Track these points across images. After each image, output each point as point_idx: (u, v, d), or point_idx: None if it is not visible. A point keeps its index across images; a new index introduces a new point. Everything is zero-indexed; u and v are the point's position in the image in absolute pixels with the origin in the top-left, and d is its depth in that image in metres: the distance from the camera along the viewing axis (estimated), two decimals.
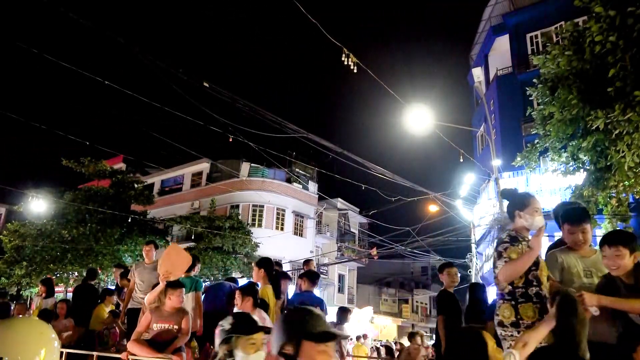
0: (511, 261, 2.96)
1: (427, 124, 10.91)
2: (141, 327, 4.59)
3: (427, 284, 43.06)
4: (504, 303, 3.01)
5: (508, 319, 2.95)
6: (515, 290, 2.98)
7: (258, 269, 5.31)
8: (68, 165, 22.03)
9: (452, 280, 5.43)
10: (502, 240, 3.13)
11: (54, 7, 5.84)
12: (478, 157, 22.45)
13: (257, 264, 5.42)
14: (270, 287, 5.16)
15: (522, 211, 3.16)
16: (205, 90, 8.42)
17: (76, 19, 6.17)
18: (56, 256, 20.55)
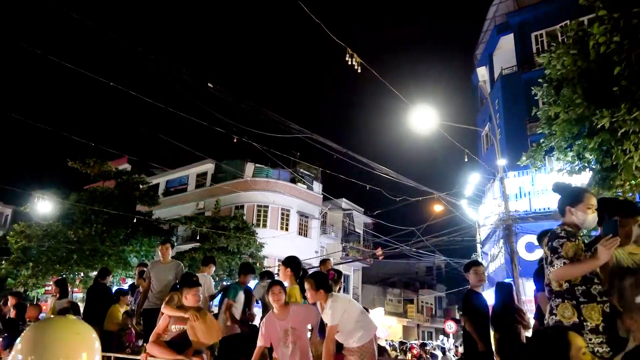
0: (572, 265, 2.75)
1: (432, 124, 10.89)
2: (160, 329, 4.54)
3: (432, 284, 42.96)
4: (564, 302, 2.81)
5: (569, 319, 2.75)
6: (574, 289, 2.79)
7: (285, 268, 5.20)
8: (73, 166, 22.16)
9: (480, 279, 5.22)
10: (558, 234, 2.90)
11: (58, 8, 5.87)
12: (483, 156, 22.37)
13: (284, 263, 5.30)
14: (297, 288, 5.06)
15: (573, 207, 2.95)
16: (210, 90, 8.43)
17: (81, 20, 6.19)
18: (62, 257, 20.66)
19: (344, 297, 4.41)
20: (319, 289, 4.20)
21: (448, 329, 22.53)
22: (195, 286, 4.67)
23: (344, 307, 4.15)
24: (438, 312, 43.36)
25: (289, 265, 5.23)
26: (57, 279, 9.09)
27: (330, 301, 4.14)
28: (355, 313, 4.22)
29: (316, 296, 4.22)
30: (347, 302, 4.33)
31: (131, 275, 21.22)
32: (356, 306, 4.36)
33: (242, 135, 10.73)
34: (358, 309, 4.31)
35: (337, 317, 4.06)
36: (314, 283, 4.24)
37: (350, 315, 4.16)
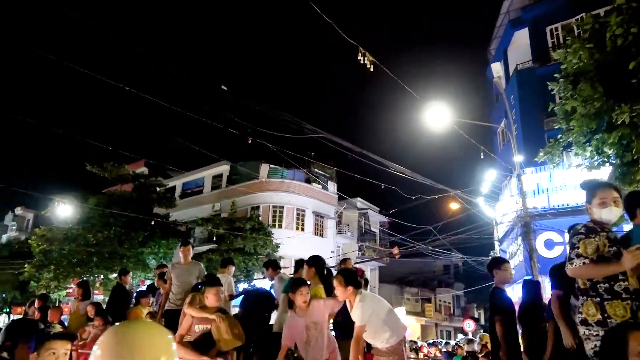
0: (591, 266, 2.72)
1: (446, 121, 10.81)
2: (183, 329, 4.54)
3: (450, 282, 42.62)
4: (588, 300, 2.80)
5: (593, 317, 2.74)
6: (597, 286, 2.76)
7: (308, 268, 5.17)
8: (92, 171, 22.51)
9: (509, 277, 5.03)
10: (577, 230, 2.90)
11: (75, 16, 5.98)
12: (499, 153, 22.12)
13: (308, 262, 5.26)
14: (322, 287, 5.02)
15: (590, 203, 2.93)
16: (224, 93, 8.50)
17: (98, 27, 6.30)
18: (82, 260, 21.02)
19: (372, 296, 4.33)
20: (347, 285, 4.14)
21: (467, 327, 22.29)
22: (217, 285, 4.68)
23: (373, 307, 4.09)
24: (456, 311, 43.00)
25: (313, 264, 5.20)
26: (80, 281, 9.21)
27: (359, 300, 4.07)
28: (384, 313, 4.15)
29: (345, 293, 4.16)
30: (376, 301, 4.25)
31: (150, 277, 21.51)
32: (385, 306, 4.28)
33: (256, 137, 10.79)
34: (387, 309, 4.24)
35: (366, 316, 4.00)
36: (342, 279, 4.17)
37: (378, 315, 4.08)
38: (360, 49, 7.49)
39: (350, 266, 6.75)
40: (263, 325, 6.15)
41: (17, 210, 52.16)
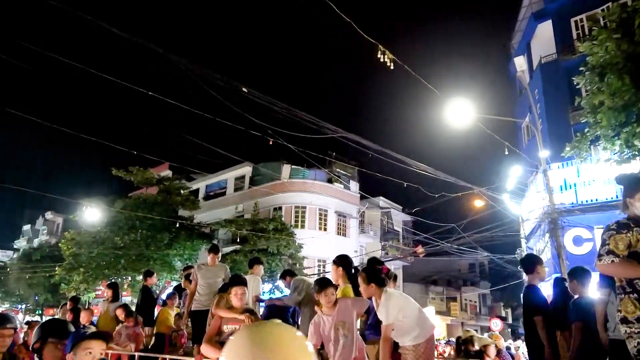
0: (623, 265, 2.67)
1: (469, 117, 10.66)
2: (212, 330, 4.59)
3: (476, 281, 42.03)
4: (625, 297, 2.73)
5: (632, 314, 2.67)
6: (634, 282, 2.70)
7: (336, 268, 5.12)
8: (118, 175, 23.00)
9: (545, 275, 4.93)
10: (609, 226, 2.83)
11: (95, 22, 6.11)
12: (524, 148, 21.69)
13: (335, 262, 5.21)
14: (350, 287, 4.96)
15: (632, 198, 2.84)
16: (244, 95, 8.56)
17: (119, 33, 6.43)
18: (110, 262, 21.49)
19: (399, 294, 4.26)
20: (370, 282, 4.11)
21: (494, 327, 21.90)
22: (241, 285, 4.72)
23: (399, 305, 4.03)
24: (483, 310, 42.37)
25: (341, 264, 5.14)
26: (109, 283, 9.37)
27: (384, 298, 4.02)
28: (410, 311, 4.09)
29: (368, 290, 4.12)
30: (403, 299, 4.19)
31: (176, 278, 21.86)
32: (412, 304, 4.21)
33: (277, 138, 10.83)
34: (414, 307, 4.18)
35: (392, 315, 3.94)
36: (365, 277, 4.14)
37: (405, 313, 4.02)
38: (379, 47, 7.45)
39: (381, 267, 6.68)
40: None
41: (48, 214, 53.66)
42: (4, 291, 39.44)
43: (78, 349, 2.34)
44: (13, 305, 41.49)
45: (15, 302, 40.45)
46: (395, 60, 7.61)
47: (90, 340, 2.39)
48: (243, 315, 4.45)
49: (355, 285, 5.04)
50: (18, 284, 35.68)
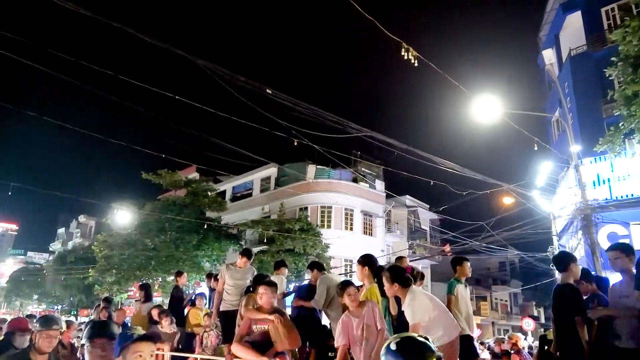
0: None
1: (496, 113, 10.46)
2: (243, 330, 4.64)
3: (506, 280, 41.23)
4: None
5: None
6: None
7: (362, 267, 5.10)
8: (147, 178, 23.50)
9: (579, 273, 4.72)
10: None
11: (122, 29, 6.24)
12: (554, 144, 21.16)
13: (360, 261, 5.18)
14: (376, 286, 4.93)
15: None
16: (268, 96, 8.61)
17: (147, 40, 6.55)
18: (141, 263, 21.95)
19: (424, 294, 4.21)
20: (394, 282, 4.08)
21: (526, 326, 21.45)
22: (267, 285, 4.75)
23: (424, 305, 3.98)
24: (514, 309, 41.52)
25: (366, 263, 5.11)
26: (142, 284, 9.53)
27: (409, 298, 3.97)
28: (435, 311, 4.04)
29: (391, 289, 4.09)
30: (428, 299, 4.13)
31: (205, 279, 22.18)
32: (437, 304, 4.16)
33: (302, 138, 10.86)
34: (439, 307, 4.12)
35: (418, 314, 3.90)
36: (389, 276, 4.12)
37: (430, 313, 3.97)
38: (403, 45, 7.37)
39: (405, 264, 6.59)
40: (318, 328, 6.15)
41: (81, 218, 55.27)
42: (41, 292, 40.84)
43: (127, 352, 2.30)
44: (50, 306, 42.93)
45: (52, 303, 41.82)
46: (419, 57, 7.52)
47: (140, 342, 2.34)
48: (272, 315, 4.49)
49: (380, 284, 5.03)
50: (54, 286, 36.89)
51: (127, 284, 23.42)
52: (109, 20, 6.08)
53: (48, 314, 3.53)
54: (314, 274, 6.37)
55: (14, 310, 46.11)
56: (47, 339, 3.22)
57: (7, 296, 46.19)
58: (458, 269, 5.87)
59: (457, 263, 5.94)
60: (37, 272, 43.31)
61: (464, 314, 5.59)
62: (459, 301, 5.59)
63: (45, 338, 3.22)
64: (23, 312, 44.71)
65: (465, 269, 5.84)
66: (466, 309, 5.65)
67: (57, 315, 4.30)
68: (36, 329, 3.30)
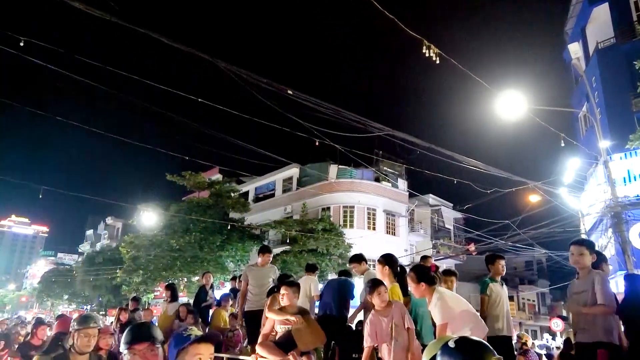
0: None
1: (521, 109, 10.26)
2: (267, 330, 4.68)
3: (533, 279, 40.41)
4: None
5: None
6: None
7: (382, 267, 5.06)
8: (172, 180, 23.88)
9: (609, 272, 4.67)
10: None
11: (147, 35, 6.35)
12: (582, 139, 20.66)
13: (380, 261, 5.13)
14: (397, 285, 4.91)
15: None
16: (290, 97, 8.64)
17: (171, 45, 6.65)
18: (167, 264, 22.31)
19: (450, 293, 4.15)
20: (419, 281, 4.02)
21: (554, 327, 21.02)
22: (288, 285, 4.77)
23: (451, 304, 3.91)
24: (542, 309, 40.66)
25: (386, 263, 5.07)
26: (168, 284, 9.66)
27: (436, 298, 3.91)
28: (462, 311, 3.96)
29: (418, 289, 4.03)
30: (455, 299, 4.07)
31: (229, 279, 22.40)
32: (464, 304, 4.07)
33: (323, 138, 10.86)
34: (466, 307, 4.03)
35: (446, 314, 3.84)
36: (414, 276, 4.06)
37: (456, 312, 3.90)
38: (424, 42, 7.30)
39: (430, 264, 6.50)
40: (342, 325, 6.13)
41: (108, 220, 56.52)
42: (71, 293, 41.91)
43: (186, 354, 2.02)
44: (79, 306, 44.04)
45: (82, 303, 42.89)
46: (441, 54, 7.43)
47: (200, 344, 2.06)
48: (295, 316, 4.51)
49: (401, 283, 4.99)
50: (83, 286, 37.79)
51: (153, 284, 23.84)
52: (134, 26, 6.19)
53: (86, 312, 3.46)
54: (358, 269, 6.21)
55: (46, 310, 47.49)
56: (84, 338, 3.13)
57: (39, 296, 47.59)
58: (491, 267, 5.66)
59: (490, 261, 5.72)
60: (67, 272, 44.46)
61: (501, 314, 5.34)
62: (495, 301, 5.36)
63: (83, 337, 3.13)
64: (54, 311, 46.04)
65: (498, 267, 5.61)
66: (504, 308, 5.38)
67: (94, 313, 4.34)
68: (73, 328, 3.21)
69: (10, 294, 65.34)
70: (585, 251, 4.31)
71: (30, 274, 73.50)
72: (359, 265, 6.12)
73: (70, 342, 3.19)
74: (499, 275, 5.64)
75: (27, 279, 75.75)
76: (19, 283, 79.13)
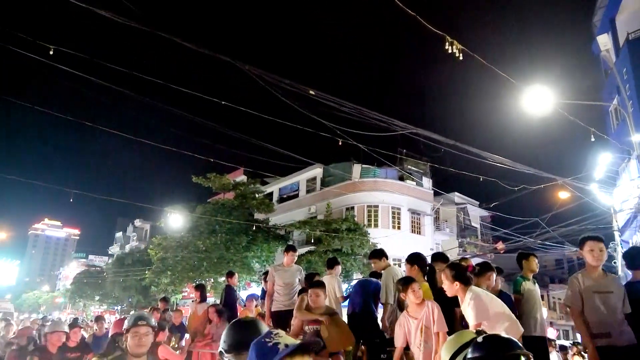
0: None
1: (549, 104, 10.02)
2: (295, 330, 4.71)
3: (564, 278, 39.42)
4: None
5: None
6: None
7: (411, 266, 5.01)
8: (197, 182, 24.23)
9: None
10: None
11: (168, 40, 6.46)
12: (613, 134, 20.05)
13: (409, 260, 5.07)
14: (427, 284, 4.85)
15: None
16: (312, 97, 8.65)
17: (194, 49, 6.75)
18: (194, 265, 22.62)
19: (485, 294, 3.98)
20: (455, 280, 3.87)
21: None
22: (316, 287, 4.77)
23: (485, 304, 3.76)
24: None
25: (415, 262, 5.01)
26: (197, 285, 9.76)
27: (470, 297, 3.76)
28: (496, 311, 3.81)
29: (452, 288, 3.88)
30: (489, 299, 3.90)
31: (255, 279, 22.58)
32: (498, 303, 3.93)
33: (346, 138, 10.84)
34: (500, 307, 3.89)
35: (480, 314, 3.68)
36: (450, 274, 3.91)
37: (491, 313, 3.74)
38: (447, 38, 7.19)
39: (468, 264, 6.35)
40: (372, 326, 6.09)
41: (137, 222, 57.72)
42: (103, 293, 42.93)
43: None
44: (110, 306, 45.10)
45: (112, 304, 43.91)
46: (464, 50, 7.32)
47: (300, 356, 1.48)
48: (323, 317, 4.52)
49: (430, 282, 4.93)
50: (114, 287, 38.65)
51: (181, 285, 24.21)
52: (158, 31, 6.30)
53: (137, 312, 3.26)
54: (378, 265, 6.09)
55: (78, 310, 48.80)
56: (135, 338, 2.88)
57: (71, 297, 48.92)
58: (524, 265, 5.48)
59: (522, 258, 5.53)
60: (97, 274, 45.59)
61: (535, 314, 5.17)
62: (528, 300, 5.18)
63: (134, 337, 2.89)
64: (86, 312, 47.28)
65: (532, 265, 5.43)
66: (537, 307, 5.21)
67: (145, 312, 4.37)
68: (125, 328, 3.00)
69: (44, 295, 67.37)
70: (604, 247, 4.15)
71: (63, 275, 75.65)
72: (378, 261, 6.04)
73: (125, 343, 2.99)
74: (533, 273, 5.47)
75: (60, 281, 78.01)
76: (52, 284, 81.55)
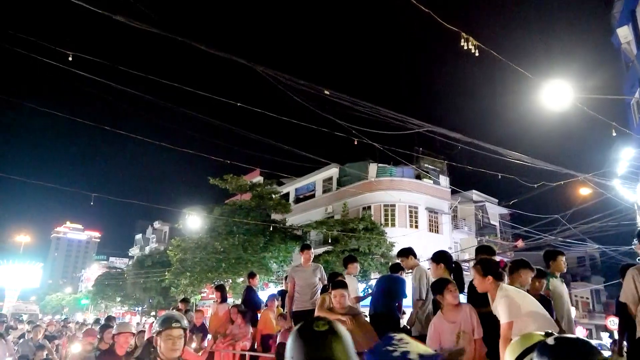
0: None
1: (568, 99, 9.84)
2: None
3: (586, 276, 38.72)
4: None
5: None
6: None
7: (436, 265, 4.94)
8: (214, 183, 24.42)
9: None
10: None
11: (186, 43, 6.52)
12: (635, 128, 19.60)
13: (434, 259, 5.01)
14: (454, 283, 4.73)
15: None
16: (327, 97, 8.64)
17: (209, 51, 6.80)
18: (212, 266, 22.80)
19: (517, 290, 3.82)
20: (486, 274, 3.73)
21: (611, 325, 20.04)
22: (339, 288, 4.77)
23: (517, 301, 3.60)
24: (596, 307, 38.91)
25: (440, 260, 4.95)
26: (217, 285, 9.84)
27: (501, 294, 3.63)
28: (528, 308, 3.64)
29: (483, 283, 3.75)
30: (521, 296, 3.73)
31: (273, 280, 22.66)
32: (530, 300, 3.75)
33: (362, 137, 10.80)
34: (533, 304, 3.72)
35: (512, 312, 3.53)
36: (480, 269, 3.79)
37: (523, 311, 3.58)
38: (462, 35, 7.12)
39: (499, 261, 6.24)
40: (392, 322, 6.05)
41: (156, 224, 58.41)
42: (124, 295, 43.55)
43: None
44: (131, 307, 45.73)
45: (133, 305, 44.52)
46: (480, 46, 7.23)
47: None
48: (345, 317, 4.51)
49: (456, 281, 4.85)
50: (134, 288, 39.17)
51: (200, 286, 24.42)
52: (173, 35, 6.37)
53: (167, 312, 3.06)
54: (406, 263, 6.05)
55: (100, 312, 49.60)
56: (168, 341, 2.64)
57: (93, 299, 49.75)
58: (552, 264, 5.40)
59: (550, 257, 5.44)
60: (118, 275, 46.25)
61: (563, 313, 5.10)
62: (556, 299, 5.10)
63: (167, 340, 2.64)
64: (108, 313, 48.00)
65: (560, 264, 5.36)
66: (565, 306, 5.15)
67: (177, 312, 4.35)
68: (155, 330, 2.75)
69: (67, 296, 68.64)
70: None
71: (85, 277, 76.91)
72: (406, 260, 6.01)
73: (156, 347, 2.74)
74: (560, 271, 5.40)
75: (82, 283, 79.36)
76: (75, 286, 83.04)
